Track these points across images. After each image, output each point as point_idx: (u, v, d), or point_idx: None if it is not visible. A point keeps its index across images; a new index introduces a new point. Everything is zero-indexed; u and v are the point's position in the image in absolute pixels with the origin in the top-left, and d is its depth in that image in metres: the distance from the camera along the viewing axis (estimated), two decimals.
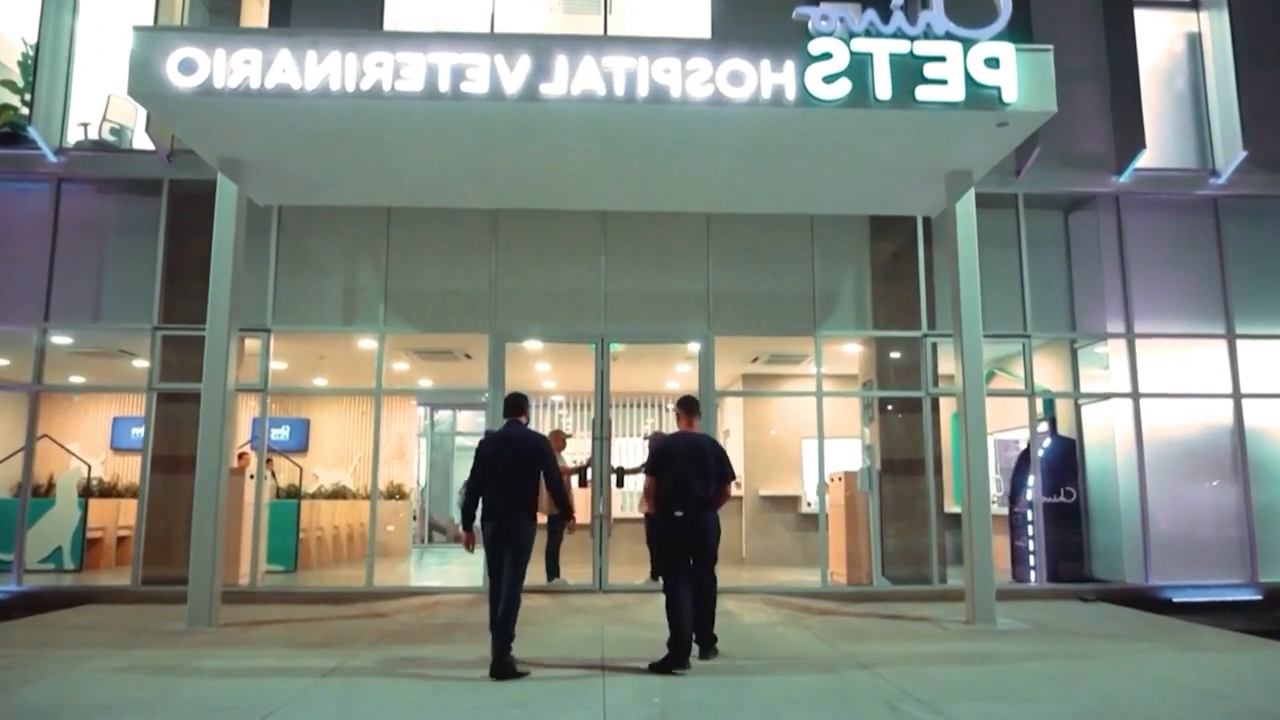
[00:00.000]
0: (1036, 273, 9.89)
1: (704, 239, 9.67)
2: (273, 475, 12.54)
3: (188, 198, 9.22)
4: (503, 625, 5.49)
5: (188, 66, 6.57)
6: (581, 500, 10.01)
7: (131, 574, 8.95)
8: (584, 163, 7.91)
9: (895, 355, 9.76)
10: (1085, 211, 10.14)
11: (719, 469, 6.07)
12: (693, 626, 5.84)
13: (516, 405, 6.09)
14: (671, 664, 5.62)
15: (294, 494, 11.79)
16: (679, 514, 5.91)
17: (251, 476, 10.30)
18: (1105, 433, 9.94)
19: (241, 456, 12.04)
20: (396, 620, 7.67)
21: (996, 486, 11.78)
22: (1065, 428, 10.16)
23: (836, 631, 7.21)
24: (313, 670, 5.68)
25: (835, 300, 9.80)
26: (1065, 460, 9.97)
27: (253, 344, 9.36)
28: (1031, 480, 9.75)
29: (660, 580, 9.11)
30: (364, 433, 15.18)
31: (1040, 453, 9.82)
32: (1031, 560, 9.66)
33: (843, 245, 9.88)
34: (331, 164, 7.96)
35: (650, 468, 6.26)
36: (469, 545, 5.97)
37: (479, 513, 5.85)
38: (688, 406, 6.38)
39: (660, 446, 6.27)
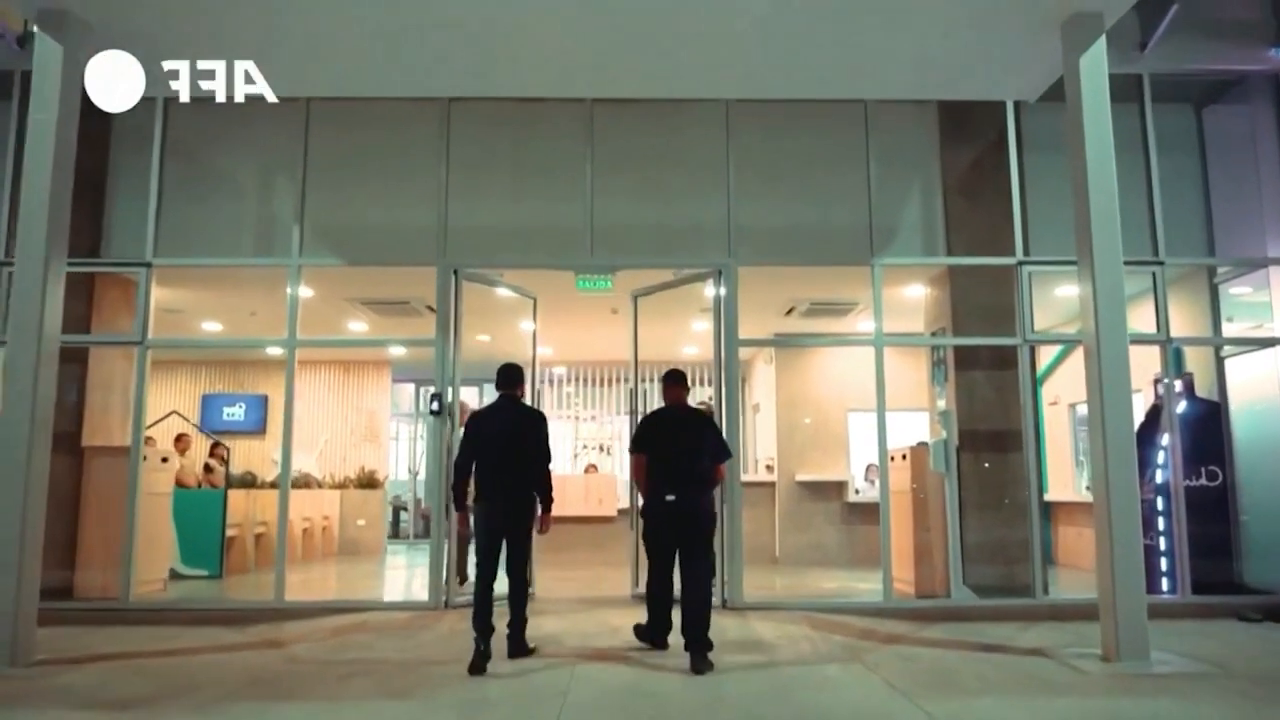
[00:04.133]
0: (1166, 181, 7.42)
1: (722, 137, 7.30)
2: (223, 462, 10.56)
3: None
4: (516, 610, 5.24)
5: None
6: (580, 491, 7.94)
7: None
8: (554, 15, 5.62)
9: (978, 291, 7.35)
10: (1228, 103, 7.65)
11: (713, 447, 5.48)
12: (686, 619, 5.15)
13: (509, 378, 5.51)
14: (651, 636, 5.37)
15: (231, 483, 9.70)
16: (670, 497, 5.24)
17: (165, 460, 8.25)
18: (1261, 392, 7.45)
19: (180, 439, 10.11)
20: (287, 654, 5.44)
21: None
22: (1204, 388, 7.69)
23: (918, 676, 4.86)
24: None
25: (898, 219, 7.38)
26: (1207, 431, 7.46)
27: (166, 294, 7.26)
28: (1162, 457, 7.31)
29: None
30: (333, 410, 13.15)
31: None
32: (1164, 564, 7.22)
33: (907, 148, 7.50)
34: (205, 22, 5.73)
35: (634, 444, 5.57)
36: (462, 525, 5.67)
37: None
38: (675, 379, 5.67)
39: (645, 421, 5.62)
